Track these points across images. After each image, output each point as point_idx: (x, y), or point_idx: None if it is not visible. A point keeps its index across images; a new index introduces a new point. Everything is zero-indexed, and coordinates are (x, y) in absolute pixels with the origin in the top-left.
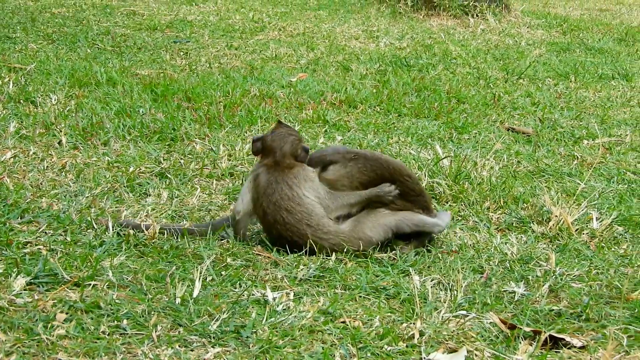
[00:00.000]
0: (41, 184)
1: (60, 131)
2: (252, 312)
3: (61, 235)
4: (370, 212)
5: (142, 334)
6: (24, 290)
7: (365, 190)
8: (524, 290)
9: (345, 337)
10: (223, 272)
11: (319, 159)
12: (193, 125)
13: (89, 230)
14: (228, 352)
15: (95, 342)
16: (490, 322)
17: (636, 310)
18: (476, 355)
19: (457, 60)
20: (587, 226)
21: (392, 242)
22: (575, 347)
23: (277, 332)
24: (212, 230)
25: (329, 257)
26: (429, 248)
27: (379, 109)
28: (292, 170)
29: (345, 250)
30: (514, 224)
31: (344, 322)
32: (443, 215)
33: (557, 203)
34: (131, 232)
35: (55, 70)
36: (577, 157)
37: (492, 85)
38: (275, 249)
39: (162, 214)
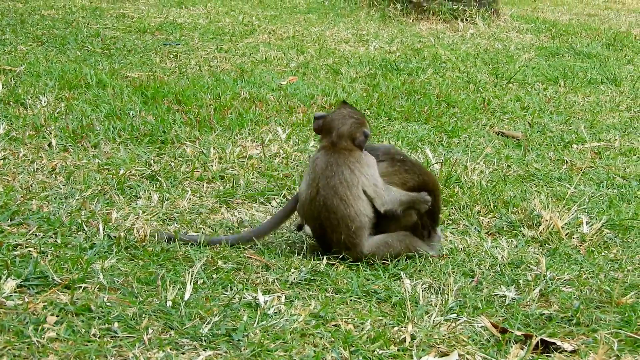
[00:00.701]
0: (31, 186)
1: (50, 133)
2: (243, 315)
3: (51, 237)
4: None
5: (133, 337)
6: (14, 292)
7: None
8: (515, 294)
9: (337, 340)
10: (214, 275)
11: (371, 153)
12: (183, 128)
13: (79, 233)
14: (219, 356)
15: (86, 345)
16: (482, 326)
17: (626, 314)
18: (467, 359)
19: (446, 64)
20: (577, 230)
21: None
22: (566, 351)
23: (268, 335)
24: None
25: (320, 261)
26: (420, 252)
27: (369, 113)
28: (353, 154)
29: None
30: (504, 228)
31: (335, 325)
32: (436, 243)
33: (547, 207)
34: (122, 234)
35: (45, 72)
36: (567, 161)
37: (481, 90)
38: (266, 252)
39: (153, 216)
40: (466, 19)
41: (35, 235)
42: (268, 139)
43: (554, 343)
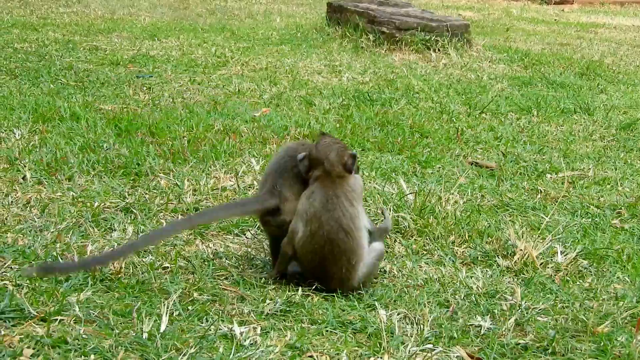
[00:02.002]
0: (6, 219)
1: (25, 166)
2: (219, 347)
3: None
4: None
5: None
6: None
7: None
8: (490, 324)
9: None
10: (190, 307)
11: None
12: (157, 160)
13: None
14: None
15: None
16: (457, 356)
17: (602, 343)
18: None
19: (419, 94)
20: (551, 260)
21: None
22: None
23: None
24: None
25: (295, 292)
26: (394, 282)
27: None
28: (348, 181)
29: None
30: (479, 258)
31: (311, 356)
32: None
33: (522, 237)
34: (97, 267)
35: (19, 105)
36: (541, 191)
37: (454, 120)
38: (241, 283)
39: None
40: (439, 50)
41: (11, 268)
42: (242, 170)
43: None
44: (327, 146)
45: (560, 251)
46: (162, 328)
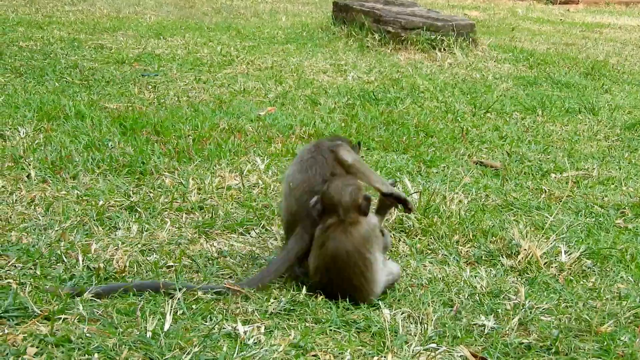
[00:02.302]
0: (10, 217)
1: (29, 164)
2: (223, 346)
3: (31, 269)
4: None
5: None
6: None
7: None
8: (494, 324)
9: None
10: (194, 306)
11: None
12: (162, 158)
13: (58, 264)
14: None
15: None
16: (461, 356)
17: (605, 343)
18: None
19: (424, 94)
20: (555, 259)
21: None
22: None
23: None
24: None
25: (299, 291)
26: (398, 282)
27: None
28: (361, 229)
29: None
30: (483, 258)
31: (315, 355)
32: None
33: (526, 236)
34: (101, 265)
35: (24, 103)
36: (545, 190)
37: (459, 119)
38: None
39: (132, 247)
40: (444, 49)
41: (15, 266)
42: (247, 170)
43: None
44: (339, 190)
45: (564, 251)
46: (166, 327)
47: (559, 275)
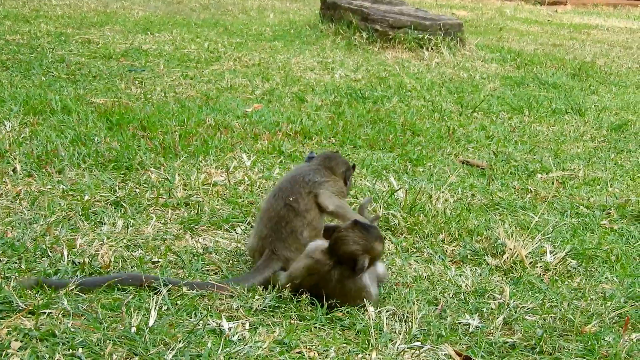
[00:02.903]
0: None
1: (15, 159)
2: (207, 342)
3: (16, 263)
4: None
5: None
6: None
7: None
8: (479, 323)
9: None
10: (178, 302)
11: None
12: (148, 154)
13: (43, 258)
14: None
15: None
16: (445, 354)
17: (589, 343)
18: None
19: (411, 92)
20: (540, 259)
21: None
22: None
23: None
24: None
25: (284, 288)
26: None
27: (334, 141)
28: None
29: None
30: (468, 257)
31: (299, 352)
32: None
33: (511, 236)
34: (86, 260)
35: (10, 97)
36: (531, 190)
37: (446, 118)
38: (230, 278)
39: (118, 242)
40: (432, 48)
41: (0, 260)
42: (233, 166)
43: None
44: (347, 244)
45: (550, 251)
46: (151, 322)
47: (544, 275)
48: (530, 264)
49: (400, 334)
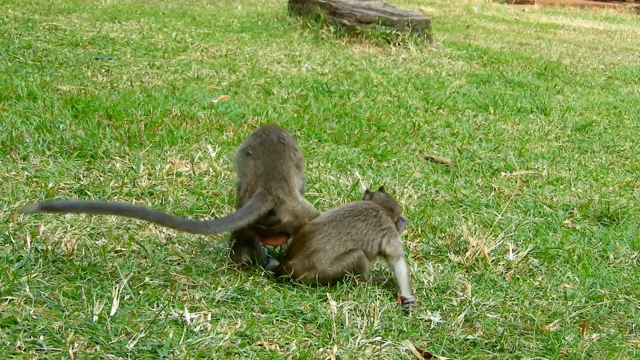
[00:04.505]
0: None
1: None
2: (169, 332)
3: None
4: None
5: (59, 351)
6: None
7: None
8: (440, 319)
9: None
10: (141, 291)
11: None
12: (113, 143)
13: (6, 245)
14: None
15: (11, 358)
16: (406, 350)
17: (549, 342)
18: None
19: (378, 88)
20: (503, 257)
21: None
22: None
23: (194, 353)
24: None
25: (246, 280)
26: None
27: (299, 134)
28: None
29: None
30: (431, 253)
31: (261, 345)
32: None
33: (474, 233)
34: (49, 248)
35: None
36: (495, 188)
37: (412, 114)
38: (194, 269)
39: (81, 230)
40: (399, 44)
41: None
42: (198, 157)
43: None
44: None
45: (512, 249)
46: (113, 311)
47: (506, 273)
48: (492, 261)
49: (361, 328)
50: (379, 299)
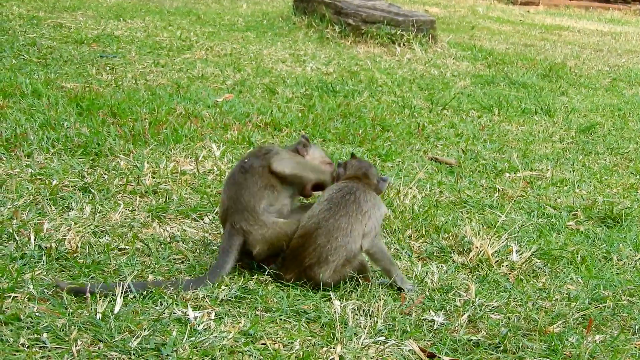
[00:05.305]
0: None
1: None
2: (172, 331)
3: None
4: None
5: (62, 348)
6: None
7: None
8: (444, 320)
9: (266, 359)
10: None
11: None
12: (118, 141)
13: (10, 242)
14: None
15: (14, 355)
16: (409, 350)
17: (553, 343)
18: None
19: (382, 88)
20: (506, 258)
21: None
22: None
23: (197, 351)
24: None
25: (250, 279)
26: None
27: (304, 133)
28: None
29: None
30: (435, 253)
31: (264, 344)
32: None
33: (478, 234)
34: (53, 245)
35: None
36: (499, 189)
37: (416, 115)
38: (197, 267)
39: (85, 228)
40: (404, 44)
41: None
42: (202, 155)
43: None
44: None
45: (516, 250)
46: (116, 309)
47: (509, 274)
48: (496, 262)
49: (365, 328)
50: (382, 298)
